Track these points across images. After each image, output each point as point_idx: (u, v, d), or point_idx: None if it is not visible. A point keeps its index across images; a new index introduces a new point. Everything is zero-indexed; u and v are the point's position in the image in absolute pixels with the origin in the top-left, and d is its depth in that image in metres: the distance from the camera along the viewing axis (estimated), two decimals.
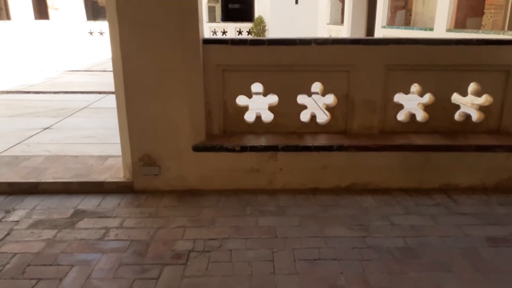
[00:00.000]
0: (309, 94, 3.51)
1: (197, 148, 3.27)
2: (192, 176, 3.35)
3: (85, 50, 17.05)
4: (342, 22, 16.08)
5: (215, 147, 3.27)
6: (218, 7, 25.76)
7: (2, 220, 2.89)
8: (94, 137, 4.86)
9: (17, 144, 4.56)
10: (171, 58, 3.06)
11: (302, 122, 3.55)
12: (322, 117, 3.68)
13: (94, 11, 23.95)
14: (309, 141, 3.33)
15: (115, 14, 2.95)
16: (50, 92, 7.88)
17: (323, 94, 3.51)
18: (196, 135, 3.28)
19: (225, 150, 3.27)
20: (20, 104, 6.77)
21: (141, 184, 3.34)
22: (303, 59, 3.33)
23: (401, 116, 3.57)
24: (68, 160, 3.84)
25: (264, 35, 20.14)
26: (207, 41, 3.27)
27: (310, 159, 3.27)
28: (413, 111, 3.61)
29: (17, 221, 2.87)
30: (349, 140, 3.32)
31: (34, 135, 4.93)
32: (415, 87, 3.51)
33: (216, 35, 20.99)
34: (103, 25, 19.49)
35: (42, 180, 3.35)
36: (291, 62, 3.34)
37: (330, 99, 3.57)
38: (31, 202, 3.17)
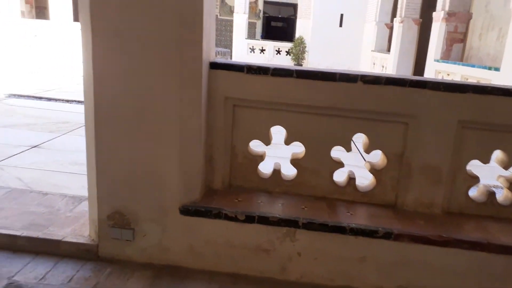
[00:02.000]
0: (348, 147, 2.56)
1: (186, 211, 2.37)
2: (177, 247, 2.44)
3: None
4: (388, 50, 15.00)
5: (211, 211, 2.36)
6: (259, 24, 25.26)
7: None
8: (82, 164, 4.05)
9: None
10: (160, 83, 2.21)
11: (336, 185, 2.60)
12: (364, 180, 2.71)
13: None
14: (344, 217, 2.36)
15: (89, 19, 2.13)
16: (61, 100, 7.28)
17: (368, 150, 2.55)
18: (188, 191, 2.39)
19: (225, 218, 2.35)
20: (23, 111, 6.15)
21: (109, 250, 2.47)
22: (345, 100, 2.40)
23: (474, 193, 2.56)
24: (32, 199, 3.03)
25: (303, 57, 19.31)
26: (216, 66, 2.40)
27: (343, 245, 2.30)
28: (492, 188, 2.59)
29: None
30: (401, 223, 2.32)
31: (16, 154, 4.21)
32: (497, 155, 2.50)
33: (254, 52, 20.39)
34: None
35: None
36: (327, 103, 2.42)
37: (377, 157, 2.61)
38: None
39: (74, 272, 2.34)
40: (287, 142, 2.58)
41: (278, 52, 20.61)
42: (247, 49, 20.35)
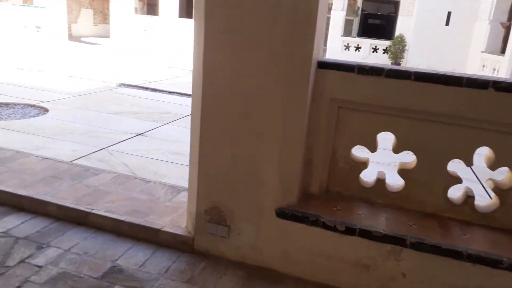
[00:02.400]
0: (469, 162, 2.26)
1: (282, 214, 2.29)
2: (271, 251, 2.37)
3: None
4: (502, 51, 13.49)
5: (308, 218, 2.24)
6: (356, 21, 24.43)
7: (26, 260, 2.29)
8: (181, 154, 4.22)
9: (101, 149, 4.14)
10: (267, 82, 2.14)
11: (450, 202, 2.32)
12: (483, 199, 2.38)
13: None
14: (459, 240, 2.09)
15: (203, 15, 2.13)
16: (164, 91, 7.70)
17: (493, 167, 2.22)
18: (285, 193, 2.30)
19: (322, 226, 2.22)
20: (131, 100, 6.61)
21: (204, 244, 2.49)
22: (470, 109, 2.11)
23: None
24: (135, 185, 3.19)
25: (402, 56, 18.26)
26: (324, 65, 2.27)
27: (458, 272, 2.03)
28: None
29: (39, 268, 2.23)
30: None
31: (123, 140, 4.50)
32: None
33: (349, 50, 19.82)
34: None
35: (94, 211, 2.72)
36: (448, 110, 2.15)
37: (503, 175, 2.27)
38: (73, 237, 2.54)
39: (170, 263, 2.39)
40: (396, 150, 2.35)
41: (375, 50, 19.80)
42: (342, 46, 19.87)
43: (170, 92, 7.77)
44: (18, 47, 10.64)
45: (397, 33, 18.97)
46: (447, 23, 17.11)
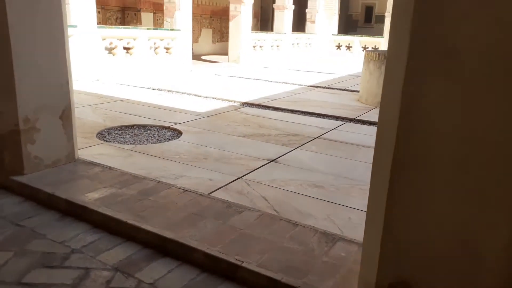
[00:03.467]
0: None
1: None
2: None
3: (331, 63, 16.83)
4: None
5: None
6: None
7: None
8: (321, 187, 3.74)
9: (238, 178, 3.86)
10: (498, 119, 1.53)
11: None
12: None
13: (346, 25, 23.84)
14: None
15: (408, 30, 1.61)
16: (286, 110, 7.37)
17: None
18: None
19: None
20: (256, 121, 6.38)
21: None
22: None
23: None
24: (283, 229, 2.78)
25: None
26: None
27: None
28: None
29: None
30: None
31: (257, 168, 4.18)
32: None
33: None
34: (351, 39, 19.07)
35: (244, 264, 2.35)
36: None
37: None
38: None
39: None
40: None
41: None
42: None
43: (291, 111, 7.42)
44: (150, 68, 11.38)
45: None
46: None
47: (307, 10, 19.49)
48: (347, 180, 3.95)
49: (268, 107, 7.63)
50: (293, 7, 17.23)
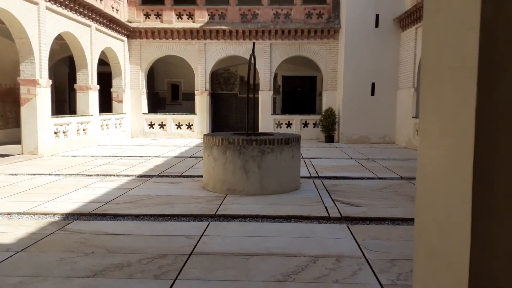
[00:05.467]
0: None
1: None
2: None
3: (147, 145, 15.67)
4: None
5: None
6: (279, 99, 24.81)
7: None
8: None
9: None
10: None
11: None
12: None
13: (155, 103, 23.38)
14: None
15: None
16: (130, 217, 5.87)
17: None
18: None
19: None
20: (100, 242, 4.71)
21: None
22: None
23: None
24: None
25: (334, 128, 18.39)
26: None
27: None
28: None
29: None
30: None
31: None
32: None
33: (280, 127, 19.69)
34: (163, 117, 18.55)
35: None
36: None
37: None
38: None
39: None
40: None
41: (305, 125, 19.91)
42: (273, 124, 19.68)
43: (137, 216, 5.99)
44: None
45: (324, 107, 19.31)
46: (372, 93, 17.81)
47: (112, 90, 18.15)
48: None
49: (104, 216, 5.93)
50: (98, 87, 15.68)
